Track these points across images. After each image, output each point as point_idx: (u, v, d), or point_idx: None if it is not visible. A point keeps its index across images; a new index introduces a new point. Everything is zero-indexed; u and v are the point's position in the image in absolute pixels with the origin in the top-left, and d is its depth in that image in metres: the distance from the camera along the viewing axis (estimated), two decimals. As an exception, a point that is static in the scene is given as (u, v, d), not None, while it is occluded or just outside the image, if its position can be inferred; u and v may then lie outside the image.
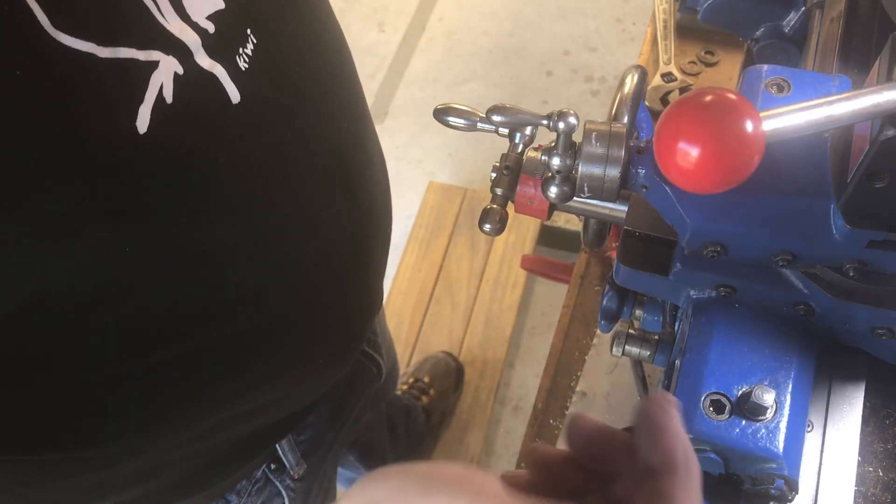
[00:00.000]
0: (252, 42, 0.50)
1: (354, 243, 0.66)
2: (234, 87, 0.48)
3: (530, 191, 0.51)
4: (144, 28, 0.42)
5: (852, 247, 0.42)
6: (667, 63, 1.00)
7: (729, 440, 0.44)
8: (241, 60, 0.49)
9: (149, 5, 0.42)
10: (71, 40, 0.38)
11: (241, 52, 0.49)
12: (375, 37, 2.47)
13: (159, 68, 0.43)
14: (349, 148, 0.63)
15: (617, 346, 0.56)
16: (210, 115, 0.47)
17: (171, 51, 0.44)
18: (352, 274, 0.67)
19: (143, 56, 0.42)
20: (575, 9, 2.42)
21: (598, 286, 0.89)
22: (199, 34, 0.46)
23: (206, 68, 0.46)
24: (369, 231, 0.68)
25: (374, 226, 0.69)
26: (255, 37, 0.50)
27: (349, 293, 0.68)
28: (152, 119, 0.42)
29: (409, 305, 1.87)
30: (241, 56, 0.49)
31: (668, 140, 0.39)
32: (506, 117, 0.46)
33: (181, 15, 0.45)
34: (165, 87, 0.43)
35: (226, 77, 0.48)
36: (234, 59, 0.48)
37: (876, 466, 0.51)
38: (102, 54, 0.39)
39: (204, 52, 0.46)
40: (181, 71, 0.44)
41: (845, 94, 0.38)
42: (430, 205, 2.02)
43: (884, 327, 0.47)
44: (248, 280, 0.54)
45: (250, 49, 0.50)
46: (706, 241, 0.44)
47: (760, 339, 0.47)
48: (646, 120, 0.75)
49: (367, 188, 0.66)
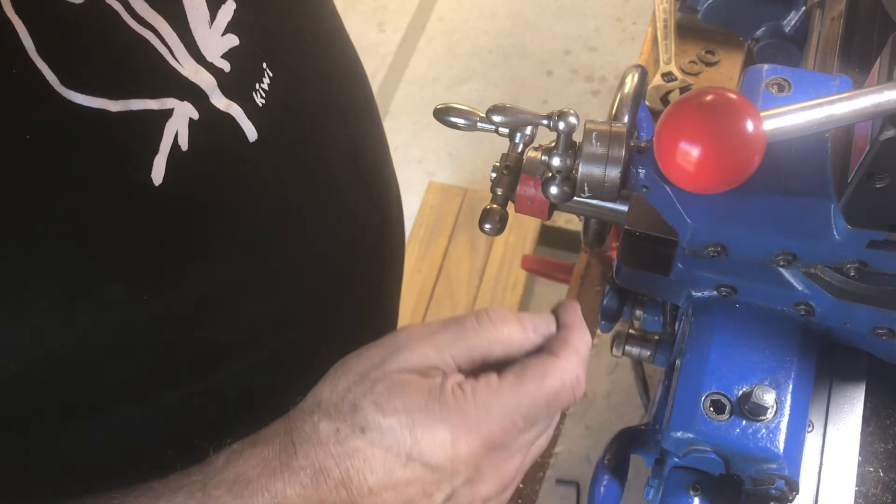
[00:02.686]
0: (268, 76, 0.49)
1: (374, 273, 0.65)
2: (250, 126, 0.47)
3: (530, 191, 0.50)
4: (158, 76, 0.41)
5: (853, 247, 0.42)
6: (667, 63, 1.00)
7: (729, 440, 0.44)
8: (257, 97, 0.48)
9: (161, 51, 0.41)
10: (82, 98, 0.37)
11: (257, 89, 0.48)
12: (375, 37, 2.47)
13: (174, 116, 0.42)
14: (369, 175, 0.62)
15: (617, 347, 0.56)
16: (227, 157, 0.46)
17: (186, 96, 0.43)
18: (370, 302, 0.66)
19: (156, 105, 0.41)
20: (575, 9, 2.42)
21: (598, 286, 0.89)
22: (215, 74, 0.44)
23: (222, 109, 0.45)
24: (390, 263, 0.67)
25: (393, 256, 0.68)
26: (270, 70, 0.49)
27: (367, 321, 0.67)
28: (167, 169, 0.41)
29: (409, 305, 1.87)
30: (258, 92, 0.48)
31: (669, 140, 0.39)
32: (506, 117, 0.46)
33: (196, 57, 0.43)
34: (181, 135, 0.42)
35: (242, 116, 0.47)
36: (251, 97, 0.47)
37: (876, 466, 0.51)
38: (114, 108, 0.39)
39: (220, 92, 0.45)
40: (196, 116, 0.43)
41: (846, 94, 0.38)
42: (430, 205, 2.02)
43: (884, 327, 0.47)
44: (266, 315, 0.53)
45: (266, 84, 0.48)
46: (707, 240, 0.44)
47: (760, 339, 0.47)
48: (646, 120, 0.75)
49: (385, 212, 0.66)
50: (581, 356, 0.47)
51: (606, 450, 0.53)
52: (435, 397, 0.44)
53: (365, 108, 0.64)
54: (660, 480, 0.49)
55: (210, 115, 0.44)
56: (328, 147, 0.56)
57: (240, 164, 0.47)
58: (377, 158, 0.65)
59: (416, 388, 0.45)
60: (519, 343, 0.47)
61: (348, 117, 0.60)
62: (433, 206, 2.02)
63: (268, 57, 0.49)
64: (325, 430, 0.44)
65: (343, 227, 0.60)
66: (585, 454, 0.81)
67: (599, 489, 0.52)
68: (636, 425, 0.55)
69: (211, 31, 0.44)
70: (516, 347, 0.47)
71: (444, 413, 0.44)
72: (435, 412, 0.44)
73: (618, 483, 0.52)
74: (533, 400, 0.45)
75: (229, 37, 0.45)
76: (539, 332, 0.48)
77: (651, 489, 0.51)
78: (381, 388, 0.45)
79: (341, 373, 0.47)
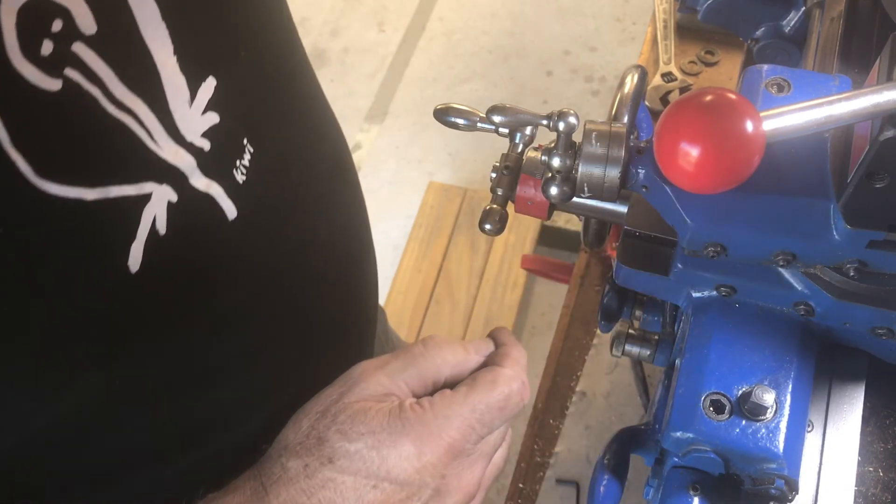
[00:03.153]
0: (249, 152, 0.47)
1: (356, 332, 0.65)
2: (230, 204, 0.46)
3: (530, 191, 0.50)
4: (136, 161, 0.40)
5: (852, 247, 0.42)
6: (667, 63, 1.00)
7: (729, 440, 0.44)
8: (238, 174, 0.46)
9: (140, 135, 0.40)
10: (57, 188, 0.36)
11: (238, 165, 0.46)
12: (375, 37, 2.47)
13: (152, 200, 0.41)
14: (349, 240, 0.62)
15: (617, 347, 0.56)
16: (206, 239, 0.45)
17: (165, 179, 0.41)
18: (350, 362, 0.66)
19: (134, 190, 0.39)
20: (575, 9, 2.42)
21: (598, 286, 0.89)
22: (195, 154, 0.43)
23: (201, 190, 0.44)
24: (366, 321, 0.67)
25: (368, 317, 0.67)
26: (251, 146, 0.48)
27: None
28: (145, 254, 0.40)
29: (409, 305, 1.87)
30: (239, 169, 0.46)
31: (668, 140, 0.39)
32: (506, 117, 0.46)
33: (175, 138, 0.42)
34: (159, 219, 0.41)
35: (222, 195, 0.45)
36: (232, 174, 0.46)
37: (876, 466, 0.51)
38: (91, 196, 0.37)
39: (200, 172, 0.43)
40: (175, 198, 0.42)
41: (845, 94, 0.38)
42: (430, 205, 2.02)
43: (884, 327, 0.47)
44: (249, 388, 0.53)
45: (248, 159, 0.47)
46: (706, 241, 0.44)
47: (760, 339, 0.47)
48: (646, 120, 0.75)
49: (363, 275, 0.65)
50: (522, 365, 0.53)
51: (606, 450, 0.53)
52: (396, 415, 0.48)
53: (344, 173, 0.63)
54: (659, 480, 0.49)
55: (189, 197, 0.43)
56: (309, 217, 0.55)
57: (219, 244, 0.46)
58: (357, 220, 0.65)
59: (377, 412, 0.48)
60: (464, 363, 0.53)
61: (330, 184, 0.59)
62: (433, 206, 2.02)
63: (249, 132, 0.47)
64: (294, 468, 0.45)
65: (323, 294, 0.59)
66: (585, 454, 0.81)
67: (599, 489, 0.52)
68: (636, 425, 0.55)
69: (191, 110, 0.43)
70: (462, 367, 0.53)
71: (406, 427, 0.47)
72: (397, 428, 0.47)
73: (617, 483, 0.52)
74: (487, 405, 0.49)
75: (210, 115, 0.44)
76: (480, 351, 0.54)
77: (651, 489, 0.51)
78: (344, 418, 0.47)
79: (302, 415, 0.49)
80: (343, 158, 0.64)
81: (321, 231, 0.57)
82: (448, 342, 0.53)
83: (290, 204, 0.53)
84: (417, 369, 0.52)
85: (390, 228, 2.06)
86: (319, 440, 0.47)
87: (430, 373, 0.52)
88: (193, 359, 0.47)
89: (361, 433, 0.46)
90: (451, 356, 0.53)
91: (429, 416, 0.48)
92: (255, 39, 0.50)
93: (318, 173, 0.57)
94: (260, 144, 0.48)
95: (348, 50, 2.46)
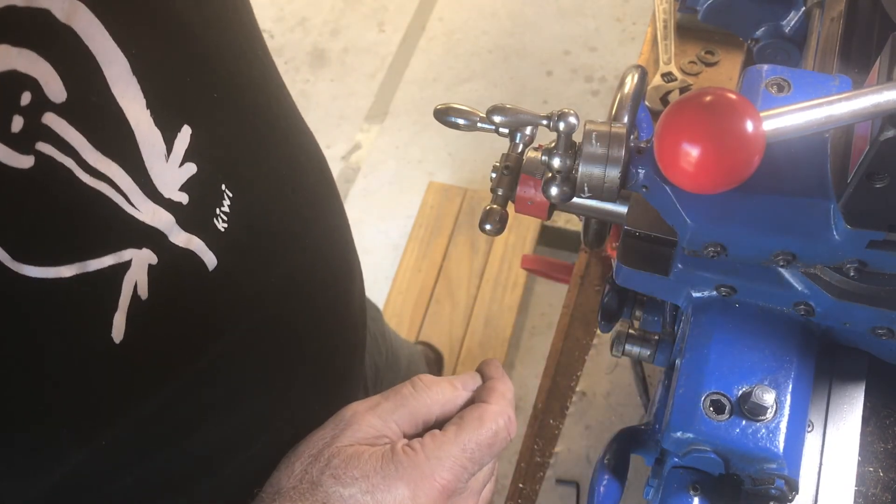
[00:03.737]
0: (228, 197, 0.46)
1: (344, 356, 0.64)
2: (211, 255, 0.44)
3: (530, 191, 0.50)
4: (114, 229, 0.38)
5: (852, 247, 0.42)
6: (667, 63, 1.00)
7: (729, 440, 0.44)
8: (219, 222, 0.45)
9: (117, 201, 0.38)
10: (34, 270, 0.34)
11: (217, 214, 0.45)
12: (375, 37, 2.47)
13: (132, 267, 0.39)
14: (335, 264, 0.61)
15: (617, 347, 0.56)
16: (189, 296, 0.44)
17: (144, 243, 0.40)
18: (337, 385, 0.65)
19: (114, 260, 0.38)
20: (575, 9, 2.42)
21: (598, 286, 0.89)
22: (173, 211, 0.41)
23: (182, 246, 0.42)
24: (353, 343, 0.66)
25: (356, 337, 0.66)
26: (230, 190, 0.46)
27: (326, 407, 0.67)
28: (128, 323, 0.39)
29: (409, 305, 1.87)
30: (219, 217, 0.45)
31: (669, 140, 0.39)
32: (506, 117, 0.46)
33: (152, 196, 0.40)
34: (140, 285, 0.40)
35: (203, 248, 0.44)
36: (212, 224, 0.44)
37: (876, 466, 0.51)
38: (69, 273, 0.36)
39: (179, 227, 0.42)
40: (155, 260, 0.40)
41: (845, 94, 0.38)
42: (430, 205, 2.02)
43: (884, 327, 0.47)
44: (233, 429, 0.52)
45: (227, 206, 0.45)
46: (706, 241, 0.44)
47: (760, 339, 0.47)
48: (646, 120, 0.75)
49: (349, 297, 0.64)
50: (508, 400, 0.54)
51: (606, 450, 0.53)
52: (389, 459, 0.48)
53: (328, 198, 0.61)
54: (659, 480, 0.49)
55: (169, 256, 0.41)
56: (293, 253, 0.54)
57: (202, 297, 0.45)
58: (341, 247, 0.63)
59: (370, 455, 0.48)
60: (453, 400, 0.54)
61: (313, 213, 0.57)
62: (433, 206, 2.02)
63: (227, 177, 0.46)
64: None
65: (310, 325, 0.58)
66: (585, 454, 0.81)
67: (599, 489, 0.52)
68: (636, 425, 0.55)
69: (168, 164, 0.41)
70: (451, 405, 0.54)
71: (400, 471, 0.47)
72: (391, 472, 0.47)
73: (617, 483, 0.52)
74: (476, 443, 0.50)
75: (188, 166, 0.42)
76: (468, 387, 0.55)
77: (651, 489, 0.51)
78: (337, 462, 0.48)
79: (294, 458, 0.50)
80: (326, 182, 0.62)
81: (305, 264, 0.56)
82: (436, 381, 0.54)
83: (273, 242, 0.51)
84: (408, 409, 0.52)
85: (390, 228, 2.06)
86: (313, 484, 0.47)
87: (420, 412, 0.53)
88: (179, 411, 0.46)
89: (356, 478, 0.47)
90: (440, 394, 0.53)
91: (421, 458, 0.48)
92: (229, 78, 0.48)
93: (300, 205, 0.55)
94: (238, 187, 0.47)
95: (348, 50, 2.46)
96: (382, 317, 1.09)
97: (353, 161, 2.18)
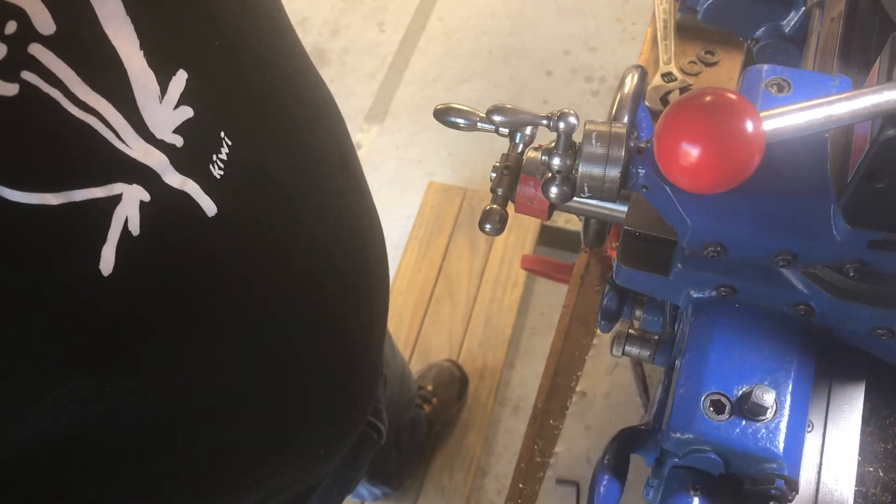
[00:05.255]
0: (226, 145, 0.46)
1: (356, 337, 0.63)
2: (208, 201, 0.44)
3: (530, 191, 0.50)
4: (103, 162, 0.38)
5: (852, 247, 0.42)
6: (667, 63, 1.00)
7: (729, 440, 0.44)
8: (215, 168, 0.45)
9: (106, 136, 0.38)
10: (19, 195, 0.35)
11: (214, 160, 0.45)
12: (375, 37, 2.47)
13: (123, 201, 0.39)
14: (350, 238, 0.59)
15: (617, 347, 0.56)
16: (184, 239, 0.43)
17: (135, 179, 0.40)
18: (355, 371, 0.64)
19: (103, 192, 0.38)
20: (575, 9, 2.42)
21: (598, 286, 0.89)
22: (166, 151, 0.42)
23: (176, 187, 0.42)
24: (371, 323, 0.65)
25: (375, 313, 0.65)
26: (229, 139, 0.46)
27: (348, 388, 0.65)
28: (118, 257, 0.39)
29: (409, 305, 1.87)
30: (215, 164, 0.45)
31: (669, 140, 0.39)
32: (506, 117, 0.46)
33: (144, 136, 0.40)
34: (131, 220, 0.40)
35: (199, 192, 0.44)
36: (208, 169, 0.44)
37: (876, 466, 0.51)
38: (56, 201, 0.36)
39: (173, 169, 0.42)
40: (148, 198, 0.40)
41: (845, 94, 0.38)
42: (430, 205, 2.02)
43: (884, 327, 0.47)
44: (240, 393, 0.52)
45: (225, 154, 0.45)
46: (706, 241, 0.44)
47: (760, 339, 0.47)
48: (646, 120, 0.75)
49: (365, 275, 0.63)
50: None
51: (606, 450, 0.53)
52: None
53: (346, 167, 0.61)
54: (660, 480, 0.49)
55: (163, 195, 0.41)
56: (297, 212, 0.53)
57: (198, 243, 0.44)
58: (358, 221, 0.62)
59: None
60: None
61: (327, 179, 0.57)
62: (433, 206, 2.02)
63: (226, 126, 0.46)
64: None
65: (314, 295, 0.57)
66: (585, 454, 0.81)
67: (599, 489, 0.52)
68: (636, 425, 0.55)
69: (162, 105, 0.41)
70: None
71: None
72: None
73: (618, 483, 0.52)
74: None
75: (183, 109, 0.42)
76: None
77: (651, 489, 0.51)
78: None
79: None
80: (339, 144, 0.61)
81: (309, 223, 0.55)
82: None
83: (275, 197, 0.51)
84: None
85: (390, 228, 2.06)
86: None
87: None
88: (179, 369, 0.46)
89: None
90: None
91: None
92: (233, 29, 0.48)
93: (310, 167, 0.55)
94: (238, 136, 0.47)
95: (348, 50, 2.46)
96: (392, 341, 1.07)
97: (353, 161, 2.18)
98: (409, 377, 1.21)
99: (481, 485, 1.69)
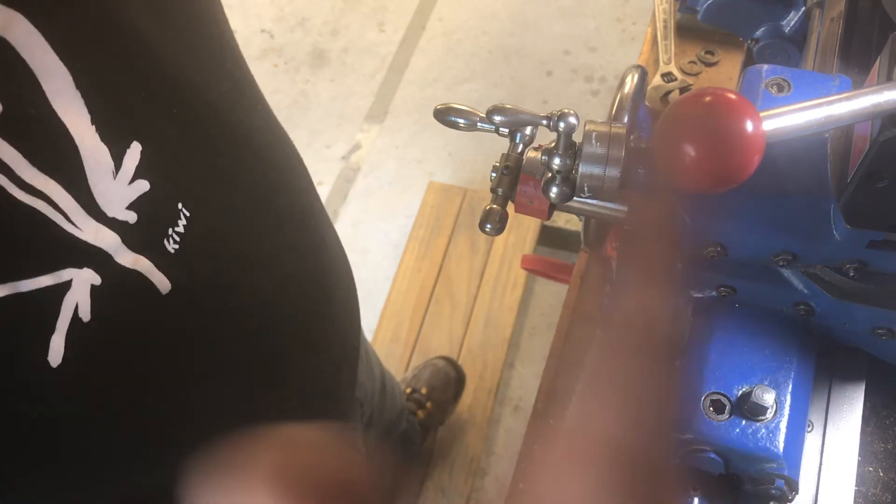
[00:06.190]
0: (184, 216, 0.44)
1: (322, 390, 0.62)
2: (162, 277, 0.42)
3: (530, 191, 0.50)
4: (51, 248, 0.36)
5: (852, 247, 0.42)
6: (667, 63, 1.00)
7: (729, 440, 0.44)
8: (169, 243, 0.43)
9: (55, 219, 0.36)
10: None
11: (169, 234, 0.43)
12: (375, 37, 2.47)
13: (73, 288, 0.37)
14: (311, 294, 0.58)
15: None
16: (136, 318, 0.42)
17: (85, 262, 0.38)
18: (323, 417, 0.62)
19: (51, 280, 0.36)
20: (575, 9, 2.42)
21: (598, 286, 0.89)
22: (119, 230, 0.40)
23: (128, 266, 0.40)
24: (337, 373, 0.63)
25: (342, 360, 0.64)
26: (187, 209, 0.44)
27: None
28: (67, 346, 0.37)
29: (409, 305, 1.87)
30: (170, 238, 0.43)
31: (669, 140, 0.39)
32: (506, 117, 0.46)
33: (95, 215, 0.38)
34: (81, 306, 0.38)
35: (152, 270, 0.42)
36: (162, 245, 0.42)
37: (876, 466, 0.51)
38: (1, 293, 0.34)
39: (126, 247, 0.40)
40: (98, 281, 0.39)
41: (845, 94, 0.38)
42: (430, 205, 2.02)
43: (884, 327, 0.47)
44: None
45: (182, 226, 0.43)
46: (706, 241, 0.44)
47: (760, 339, 0.47)
48: (646, 120, 0.75)
49: (330, 336, 0.61)
50: None
51: (606, 450, 0.53)
52: None
53: (307, 218, 0.58)
54: (660, 480, 0.49)
55: (115, 277, 0.39)
56: (257, 277, 0.51)
57: (151, 324, 0.43)
58: (322, 269, 0.60)
59: None
60: None
61: (288, 236, 0.54)
62: (433, 206, 2.02)
63: (184, 195, 0.44)
64: None
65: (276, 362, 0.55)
66: (585, 454, 0.81)
67: (599, 489, 0.52)
68: (636, 425, 0.55)
69: (116, 181, 0.39)
70: None
71: None
72: None
73: (618, 483, 0.52)
74: None
75: (139, 183, 0.40)
76: None
77: (651, 489, 0.51)
78: None
79: None
80: (303, 201, 0.59)
81: (272, 289, 0.53)
82: None
83: (235, 267, 0.49)
84: None
85: (390, 228, 2.06)
86: None
87: None
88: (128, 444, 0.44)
89: None
90: None
91: None
92: (191, 94, 0.46)
93: (272, 229, 0.53)
94: (197, 206, 0.45)
95: (348, 50, 2.46)
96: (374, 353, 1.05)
97: (353, 161, 2.18)
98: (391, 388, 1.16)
99: (481, 485, 1.69)
